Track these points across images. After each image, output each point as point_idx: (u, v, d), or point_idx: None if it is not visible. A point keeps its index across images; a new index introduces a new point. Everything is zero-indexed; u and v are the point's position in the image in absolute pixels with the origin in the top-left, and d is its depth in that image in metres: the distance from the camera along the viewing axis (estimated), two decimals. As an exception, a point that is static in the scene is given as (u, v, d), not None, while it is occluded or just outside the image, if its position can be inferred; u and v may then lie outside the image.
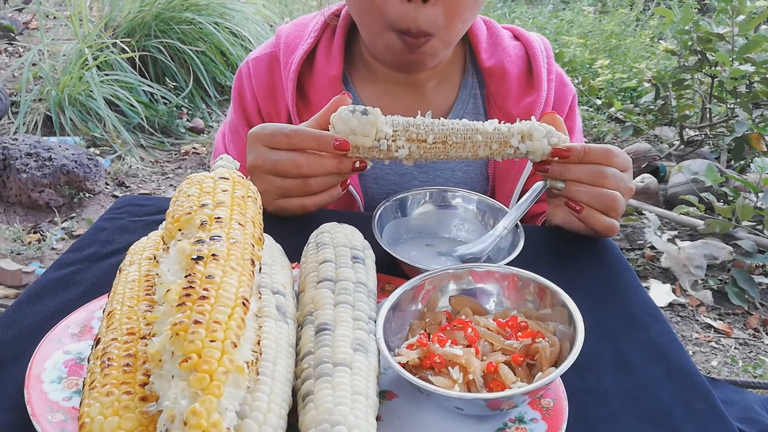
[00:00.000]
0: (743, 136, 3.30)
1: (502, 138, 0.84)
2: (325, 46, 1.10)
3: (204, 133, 3.90)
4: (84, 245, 0.87)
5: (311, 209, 0.89)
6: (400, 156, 0.84)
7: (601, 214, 0.87)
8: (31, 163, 2.92)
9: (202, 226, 0.56)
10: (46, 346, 0.64)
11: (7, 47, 4.64)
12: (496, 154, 0.85)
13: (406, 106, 1.09)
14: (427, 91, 1.12)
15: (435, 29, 0.94)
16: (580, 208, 0.86)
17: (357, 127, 0.82)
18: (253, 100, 1.12)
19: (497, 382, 0.58)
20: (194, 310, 0.48)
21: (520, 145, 0.84)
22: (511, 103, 1.09)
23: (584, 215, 0.87)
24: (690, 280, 2.71)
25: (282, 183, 0.87)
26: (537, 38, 1.14)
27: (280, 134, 0.85)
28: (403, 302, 0.67)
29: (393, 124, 0.84)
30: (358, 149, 0.84)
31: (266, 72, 1.12)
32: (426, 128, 0.84)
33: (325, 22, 1.11)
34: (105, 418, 0.48)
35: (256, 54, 1.15)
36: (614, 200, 0.85)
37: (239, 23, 4.28)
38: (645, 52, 5.26)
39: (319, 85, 1.08)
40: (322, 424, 0.49)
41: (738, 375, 2.21)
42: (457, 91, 1.13)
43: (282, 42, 1.12)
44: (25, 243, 2.73)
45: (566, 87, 1.15)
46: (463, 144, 0.84)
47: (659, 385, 0.66)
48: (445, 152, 0.85)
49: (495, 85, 1.10)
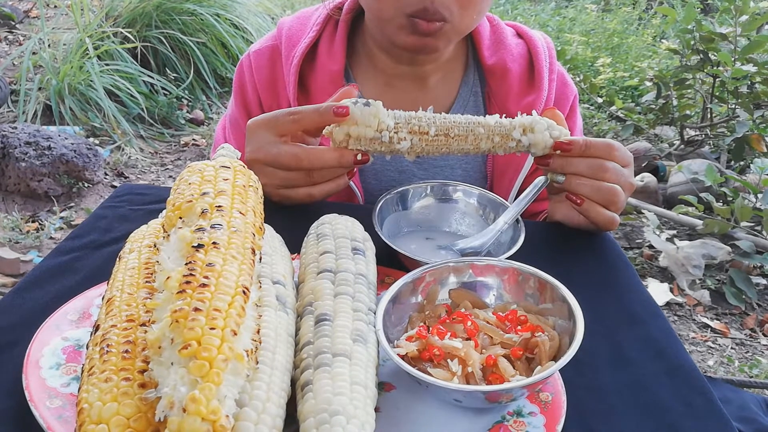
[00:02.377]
0: (744, 137, 3.30)
1: (504, 131, 0.84)
2: (328, 39, 1.09)
3: (204, 124, 3.89)
4: (83, 233, 0.86)
5: (318, 198, 0.89)
6: (402, 148, 0.84)
7: (602, 207, 0.87)
8: (30, 152, 2.91)
9: (203, 214, 0.56)
10: (44, 333, 0.63)
11: (8, 35, 4.63)
12: (498, 147, 0.85)
13: (408, 100, 1.09)
14: (429, 86, 1.11)
15: (449, 14, 0.93)
16: (581, 201, 0.86)
17: (359, 117, 0.82)
18: (254, 93, 1.12)
19: (496, 375, 0.59)
20: (194, 298, 0.48)
21: (522, 138, 0.84)
22: (512, 101, 1.09)
23: (584, 208, 0.87)
24: (688, 280, 2.71)
25: (285, 175, 0.87)
26: (540, 37, 1.13)
27: (283, 114, 0.86)
28: (403, 294, 0.67)
29: (395, 116, 0.84)
30: (359, 141, 0.83)
31: (268, 65, 1.11)
32: (428, 121, 0.84)
33: (327, 15, 1.10)
34: (103, 404, 0.48)
35: (257, 47, 1.14)
36: (615, 194, 0.85)
37: (241, 15, 4.27)
38: (647, 51, 5.25)
39: (321, 80, 1.08)
40: (320, 414, 0.49)
41: (734, 375, 2.21)
42: (458, 88, 1.12)
43: (284, 35, 1.11)
44: (24, 232, 2.73)
45: (567, 87, 1.14)
46: (465, 137, 0.84)
47: (657, 381, 0.66)
48: (446, 145, 0.84)
49: (496, 83, 1.10)
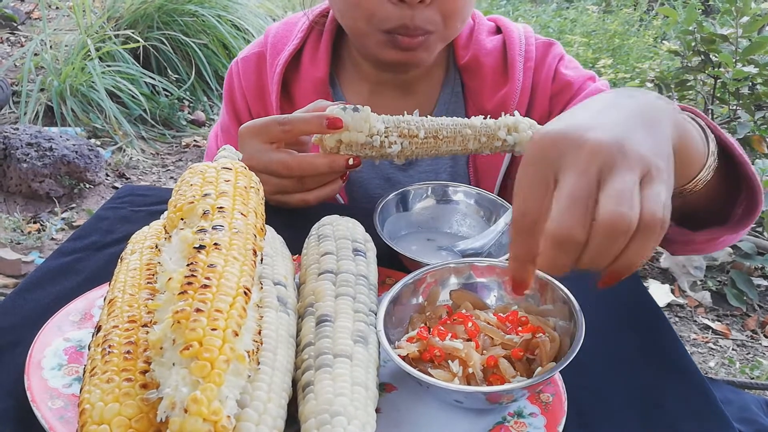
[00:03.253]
0: (745, 138, 3.30)
1: (490, 131, 0.88)
2: (312, 47, 1.09)
3: (205, 126, 3.89)
4: (85, 234, 0.87)
5: (313, 203, 0.89)
6: (393, 152, 0.85)
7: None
8: (31, 153, 2.92)
9: (205, 215, 0.56)
10: (46, 334, 0.64)
11: (9, 37, 4.63)
12: (485, 147, 0.89)
13: (394, 106, 1.07)
14: (413, 91, 1.11)
15: (433, 27, 0.92)
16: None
17: (350, 123, 0.83)
18: (242, 100, 1.12)
19: (497, 376, 0.59)
20: (196, 299, 0.48)
21: (507, 137, 0.88)
22: (485, 97, 1.07)
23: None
24: (689, 281, 2.71)
25: (278, 182, 0.87)
26: (518, 27, 1.11)
27: (273, 123, 0.86)
28: (404, 295, 0.67)
29: (384, 120, 0.85)
30: (351, 147, 0.84)
31: (254, 71, 1.11)
32: (416, 124, 0.86)
33: (310, 24, 1.09)
34: (105, 404, 0.48)
35: (244, 53, 1.14)
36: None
37: (242, 16, 4.27)
38: (648, 52, 5.24)
39: (305, 88, 1.07)
40: (321, 415, 0.49)
41: (735, 376, 2.21)
42: (440, 90, 1.12)
43: (269, 41, 1.11)
44: (25, 233, 2.73)
45: (570, 86, 1.07)
46: (453, 138, 0.87)
47: (658, 383, 0.66)
48: (436, 147, 0.87)
49: (471, 79, 1.09)
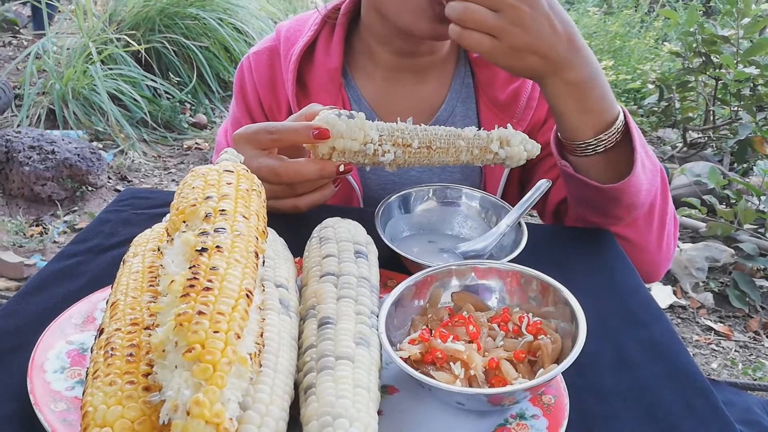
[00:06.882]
0: (746, 139, 3.30)
1: (483, 143, 0.87)
2: (325, 39, 1.11)
3: (207, 128, 3.90)
4: (87, 237, 0.87)
5: (304, 209, 0.89)
6: (386, 161, 0.84)
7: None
8: (34, 156, 2.93)
9: (207, 218, 0.56)
10: (49, 336, 0.64)
11: (12, 40, 4.65)
12: (477, 159, 0.88)
13: (405, 93, 1.11)
14: (425, 79, 1.13)
15: None
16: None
17: (345, 130, 0.81)
18: (254, 94, 1.14)
19: (499, 378, 0.59)
20: (198, 301, 0.48)
21: (499, 151, 0.87)
22: (499, 88, 1.10)
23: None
24: (691, 283, 2.70)
25: (269, 188, 0.86)
26: None
27: (263, 131, 0.86)
28: (406, 298, 0.67)
29: (378, 128, 0.84)
30: (344, 154, 0.83)
31: (267, 65, 1.13)
32: (411, 133, 0.85)
33: (323, 19, 1.12)
34: (108, 407, 0.48)
35: (256, 48, 1.16)
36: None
37: (243, 19, 4.28)
38: (649, 53, 5.25)
39: (319, 78, 1.09)
40: (323, 417, 0.49)
41: (738, 377, 2.21)
42: (451, 80, 1.14)
43: (282, 36, 1.13)
44: (27, 236, 2.74)
45: None
46: (447, 149, 0.86)
47: (660, 384, 0.66)
48: (428, 157, 0.86)
49: (483, 72, 1.12)
